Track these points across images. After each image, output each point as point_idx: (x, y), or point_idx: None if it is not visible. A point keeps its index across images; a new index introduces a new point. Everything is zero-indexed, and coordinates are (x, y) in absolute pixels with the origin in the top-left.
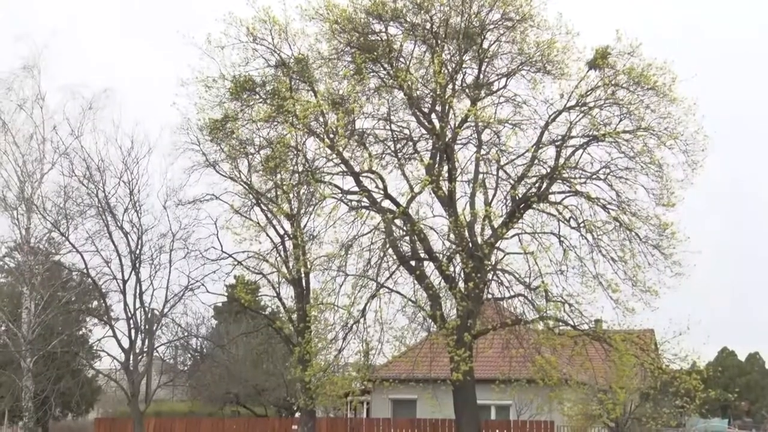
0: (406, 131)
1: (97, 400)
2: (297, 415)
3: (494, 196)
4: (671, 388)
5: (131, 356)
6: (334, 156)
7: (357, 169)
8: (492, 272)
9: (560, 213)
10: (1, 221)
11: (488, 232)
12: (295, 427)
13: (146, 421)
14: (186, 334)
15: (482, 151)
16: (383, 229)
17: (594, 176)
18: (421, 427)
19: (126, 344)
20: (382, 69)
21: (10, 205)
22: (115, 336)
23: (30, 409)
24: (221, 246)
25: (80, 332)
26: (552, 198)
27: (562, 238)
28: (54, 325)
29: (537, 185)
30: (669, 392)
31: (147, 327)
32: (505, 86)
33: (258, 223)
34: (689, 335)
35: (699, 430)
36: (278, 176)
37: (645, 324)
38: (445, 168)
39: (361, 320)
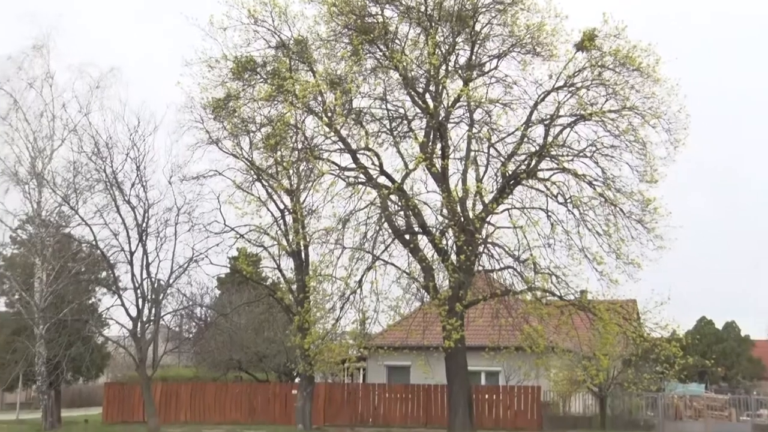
0: (401, 110)
1: (107, 365)
2: (296, 380)
3: (485, 172)
4: (652, 355)
5: (138, 324)
6: (332, 134)
7: (354, 146)
8: (483, 245)
9: (548, 189)
10: (14, 195)
11: (479, 207)
12: (294, 392)
13: (153, 386)
14: (191, 303)
15: (474, 130)
16: (379, 204)
17: (581, 154)
18: (415, 392)
19: (133, 313)
20: (378, 50)
21: (21, 179)
22: (123, 305)
23: (43, 373)
24: (224, 220)
25: (90, 301)
26: (540, 174)
27: (549, 213)
28: (65, 294)
29: (526, 162)
30: (650, 359)
31: (153, 296)
32: (496, 67)
33: (259, 198)
34: (670, 305)
35: (677, 394)
36: (278, 153)
37: (628, 294)
38: (439, 146)
39: (358, 291)
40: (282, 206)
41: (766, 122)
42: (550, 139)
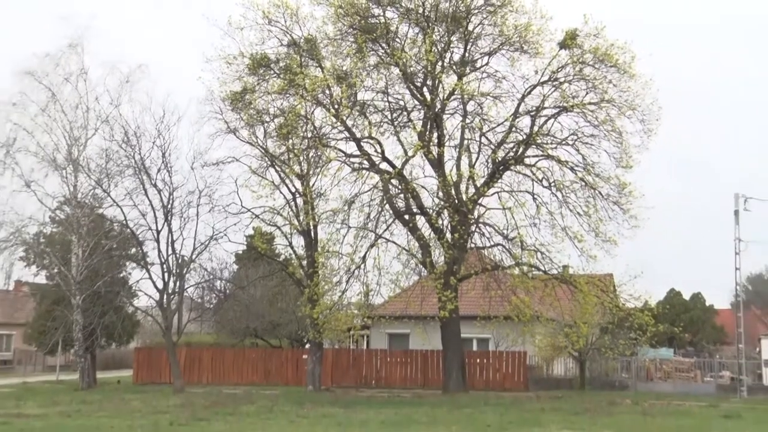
0: (401, 103)
1: (136, 332)
2: (307, 346)
3: (477, 159)
4: (626, 323)
5: (164, 295)
6: (339, 124)
7: (358, 135)
8: (475, 225)
9: (534, 174)
10: (53, 179)
11: (472, 190)
12: (305, 356)
13: (178, 351)
14: (211, 277)
15: (467, 120)
16: (381, 188)
17: (563, 142)
18: (413, 357)
19: (160, 285)
20: (380, 48)
21: (59, 165)
22: (150, 278)
23: (80, 339)
24: (241, 202)
25: (121, 275)
26: (527, 161)
27: (535, 196)
28: (99, 268)
29: (514, 150)
30: (624, 326)
31: (178, 271)
32: (487, 63)
33: (272, 182)
34: (643, 278)
35: (649, 358)
36: (290, 141)
37: (605, 269)
38: (435, 135)
39: (362, 266)
40: (293, 189)
41: (723, 113)
42: (535, 128)
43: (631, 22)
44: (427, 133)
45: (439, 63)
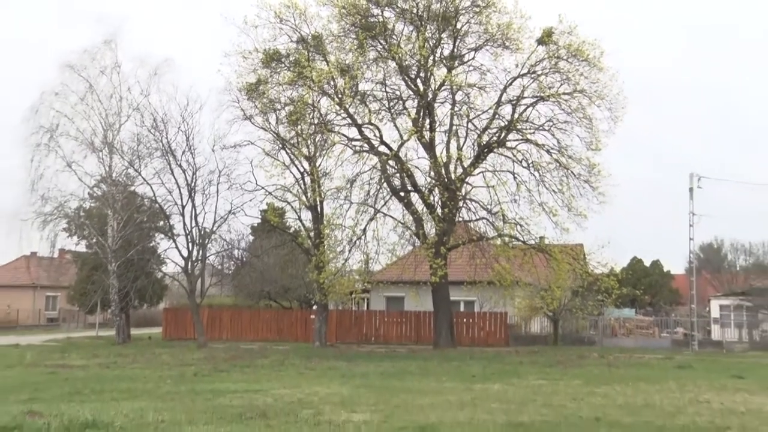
0: (397, 92)
1: (165, 294)
2: (314, 307)
3: (464, 142)
4: (594, 287)
5: (189, 263)
6: (342, 112)
7: (359, 121)
8: (462, 201)
9: (514, 156)
10: (90, 160)
11: (459, 170)
12: (312, 316)
13: (201, 311)
14: (230, 246)
15: (455, 108)
16: (379, 168)
17: (540, 128)
18: (408, 317)
19: (185, 254)
20: (378, 44)
21: (96, 148)
22: (177, 247)
23: (115, 300)
24: (255, 180)
25: (151, 244)
26: (508, 144)
27: (515, 175)
28: (131, 238)
29: (497, 134)
30: (593, 290)
31: (200, 241)
32: (473, 58)
33: (283, 163)
34: (609, 248)
35: (614, 317)
36: (299, 127)
37: (576, 239)
38: (427, 121)
39: (362, 237)
40: (302, 169)
41: (680, 98)
42: (516, 116)
43: (602, 21)
44: (420, 119)
45: (431, 57)
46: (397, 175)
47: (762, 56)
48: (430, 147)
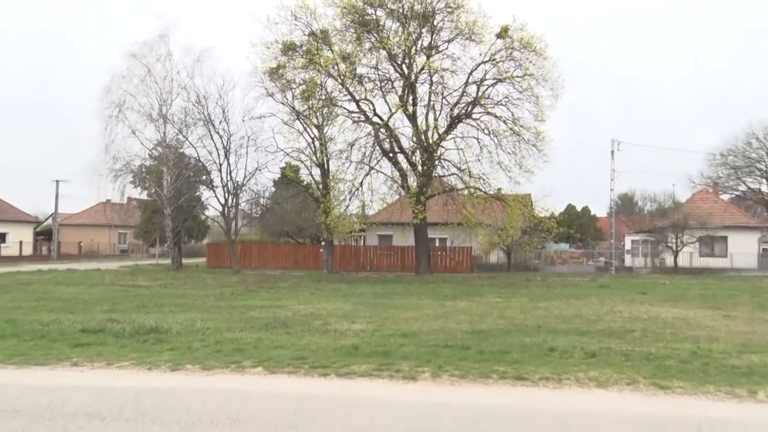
0: (387, 75)
1: (207, 232)
2: (322, 243)
3: (440, 114)
4: (539, 227)
5: (225, 208)
6: (344, 90)
7: (357, 98)
8: (438, 160)
9: (478, 125)
10: (150, 129)
11: (436, 136)
12: (321, 250)
13: (236, 246)
14: (257, 196)
15: (433, 87)
16: (373, 135)
17: (498, 103)
18: (395, 250)
19: (222, 201)
20: (372, 37)
21: (154, 119)
22: (216, 196)
23: (170, 236)
24: (276, 144)
25: (196, 194)
26: (474, 116)
27: (479, 140)
28: (181, 189)
29: (465, 109)
30: (537, 229)
31: (234, 191)
32: (447, 48)
33: (298, 130)
34: (550, 197)
35: (553, 250)
36: (310, 102)
37: (526, 190)
38: (411, 98)
39: (360, 188)
40: (312, 135)
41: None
42: (480, 94)
43: (548, 17)
44: (405, 96)
45: (413, 48)
46: (387, 140)
47: (671, 45)
48: (412, 118)
